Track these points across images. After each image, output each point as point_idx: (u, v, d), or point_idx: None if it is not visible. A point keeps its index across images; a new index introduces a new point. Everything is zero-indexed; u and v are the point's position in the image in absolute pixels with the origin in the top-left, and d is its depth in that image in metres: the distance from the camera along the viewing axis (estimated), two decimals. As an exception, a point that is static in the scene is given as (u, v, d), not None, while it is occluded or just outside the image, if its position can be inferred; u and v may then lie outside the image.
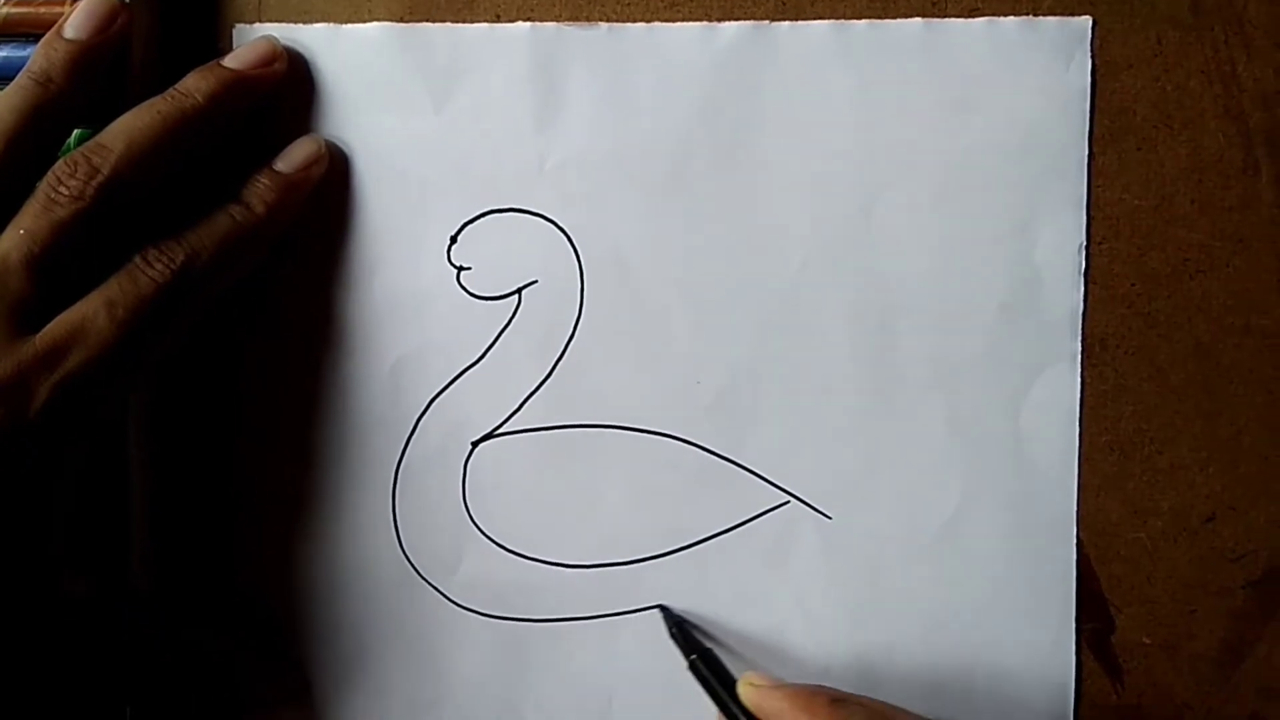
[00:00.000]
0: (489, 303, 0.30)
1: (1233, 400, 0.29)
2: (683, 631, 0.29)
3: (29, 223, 0.26)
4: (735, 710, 0.27)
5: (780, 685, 0.27)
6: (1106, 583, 0.29)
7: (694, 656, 0.28)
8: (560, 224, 0.29)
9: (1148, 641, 0.29)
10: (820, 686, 0.27)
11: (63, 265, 0.26)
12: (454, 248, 0.30)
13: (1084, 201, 0.28)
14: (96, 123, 0.28)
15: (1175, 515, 0.29)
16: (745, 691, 0.27)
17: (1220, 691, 0.29)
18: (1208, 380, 0.29)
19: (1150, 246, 0.29)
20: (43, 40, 0.28)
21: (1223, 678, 0.29)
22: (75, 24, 0.28)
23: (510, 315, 0.30)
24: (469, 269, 0.30)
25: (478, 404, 0.30)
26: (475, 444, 0.30)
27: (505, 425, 0.30)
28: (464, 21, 0.29)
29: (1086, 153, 0.28)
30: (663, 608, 0.30)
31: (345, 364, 0.30)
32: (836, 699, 0.26)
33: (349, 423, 0.30)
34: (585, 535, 0.30)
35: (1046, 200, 0.28)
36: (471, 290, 0.30)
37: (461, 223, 0.30)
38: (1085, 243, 0.29)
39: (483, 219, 0.30)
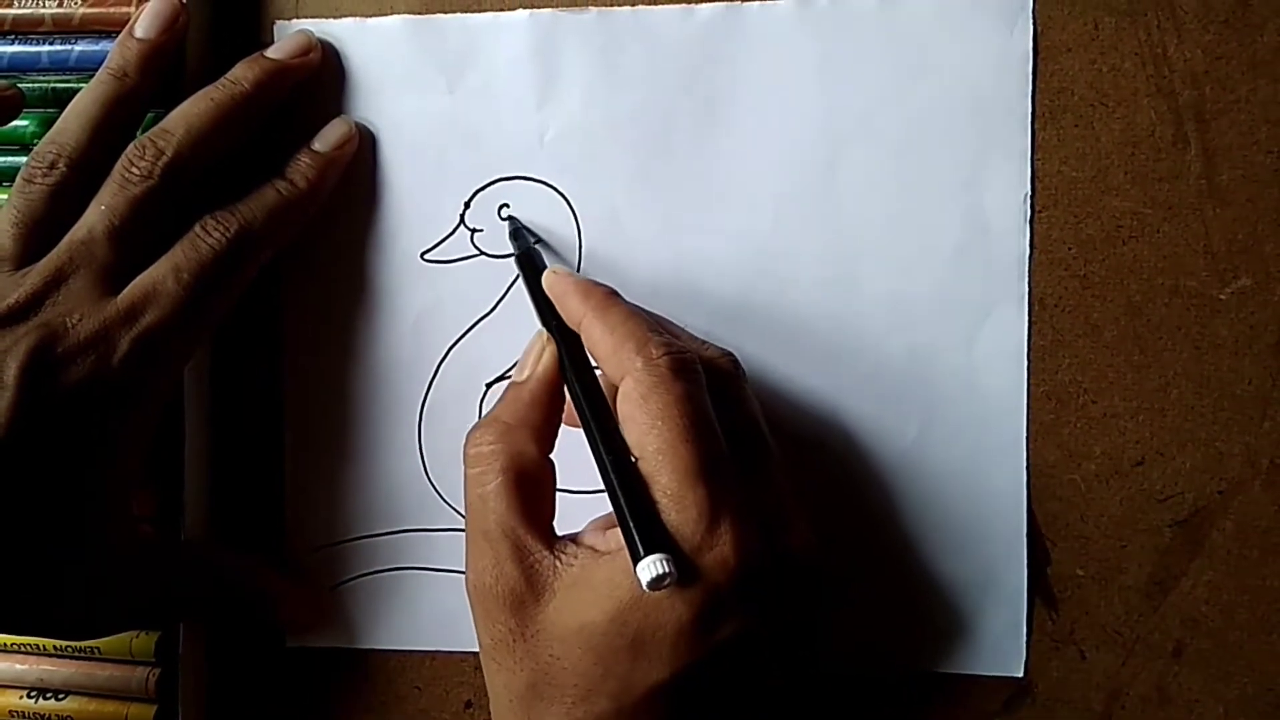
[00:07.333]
0: (499, 260, 0.32)
1: (1161, 355, 0.30)
2: (518, 232, 0.31)
3: (109, 199, 0.29)
4: (539, 295, 0.29)
5: (573, 275, 0.28)
6: (1043, 519, 0.31)
7: (521, 253, 0.30)
8: (560, 189, 0.32)
9: (1081, 574, 0.31)
10: (608, 286, 0.28)
11: (138, 235, 0.29)
12: (467, 212, 0.32)
13: (1028, 155, 0.30)
14: (162, 107, 0.30)
15: (1107, 459, 0.31)
16: (547, 277, 0.29)
17: (1147, 621, 0.31)
18: (1138, 336, 0.30)
19: (1087, 214, 0.30)
20: (117, 40, 0.30)
21: (1150, 608, 0.31)
22: (144, 25, 0.30)
23: (518, 271, 0.32)
24: (480, 230, 0.32)
25: (490, 350, 0.32)
26: (489, 385, 0.33)
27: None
28: (472, 12, 0.32)
29: (1030, 111, 0.30)
30: (511, 218, 0.32)
31: (375, 317, 0.33)
32: (612, 293, 0.28)
33: (380, 368, 0.33)
34: (584, 466, 0.31)
35: (994, 154, 0.30)
36: (483, 250, 0.32)
37: (473, 190, 0.32)
38: (1030, 193, 0.30)
39: (492, 186, 0.32)
